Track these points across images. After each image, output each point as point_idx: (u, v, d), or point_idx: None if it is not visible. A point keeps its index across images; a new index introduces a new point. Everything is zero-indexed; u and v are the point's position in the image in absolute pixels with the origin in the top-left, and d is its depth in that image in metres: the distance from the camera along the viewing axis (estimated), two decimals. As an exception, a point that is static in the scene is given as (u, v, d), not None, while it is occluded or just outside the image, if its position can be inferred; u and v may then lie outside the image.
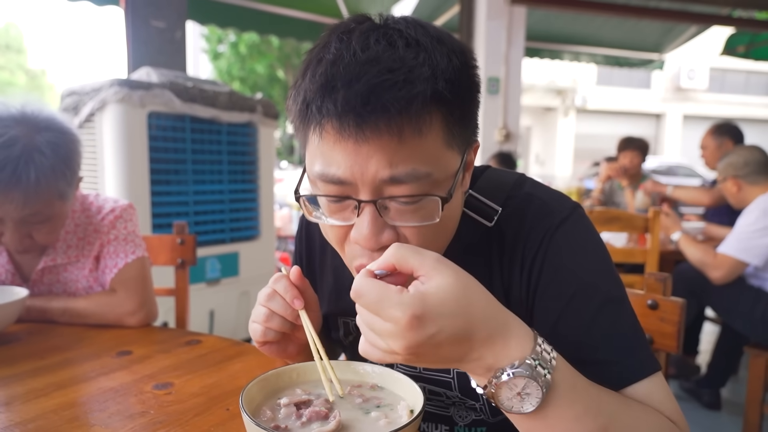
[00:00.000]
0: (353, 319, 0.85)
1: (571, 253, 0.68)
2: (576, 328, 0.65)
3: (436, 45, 0.58)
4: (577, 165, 20.12)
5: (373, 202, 0.58)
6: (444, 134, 0.59)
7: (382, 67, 0.54)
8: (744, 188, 2.29)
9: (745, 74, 22.08)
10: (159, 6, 3.15)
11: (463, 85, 0.60)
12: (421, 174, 0.57)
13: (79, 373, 0.92)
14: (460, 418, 0.79)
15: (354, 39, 0.57)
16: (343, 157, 0.57)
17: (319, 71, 0.56)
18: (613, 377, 0.62)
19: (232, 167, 2.87)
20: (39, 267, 1.23)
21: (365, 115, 0.54)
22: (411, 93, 0.54)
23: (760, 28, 5.10)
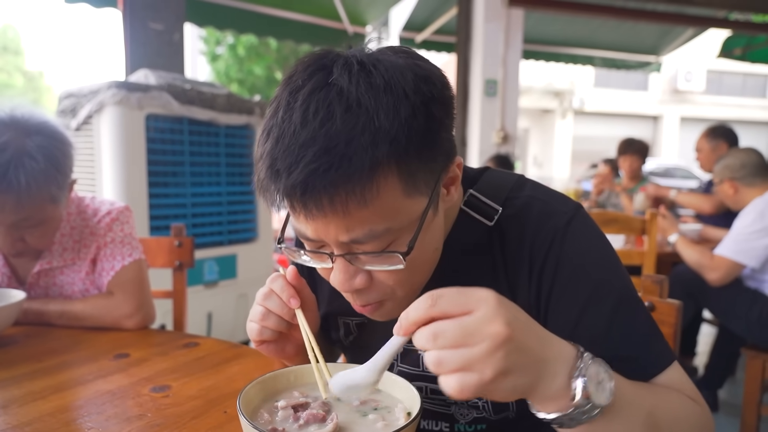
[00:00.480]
0: (354, 319, 0.86)
1: (582, 253, 0.69)
2: (596, 327, 0.67)
3: (381, 98, 0.57)
4: (574, 167, 20.16)
5: (341, 255, 0.62)
6: (402, 186, 0.59)
7: (318, 148, 0.55)
8: (740, 190, 2.30)
9: (741, 76, 22.16)
10: (157, 8, 3.15)
11: (417, 132, 0.58)
12: (378, 232, 0.60)
13: (77, 376, 0.92)
14: (461, 416, 0.80)
15: (297, 107, 0.58)
16: (307, 224, 0.61)
17: (267, 148, 0.59)
18: (638, 371, 0.64)
19: (229, 169, 2.87)
20: (35, 270, 1.23)
21: (307, 199, 0.57)
22: (348, 171, 0.55)
23: (757, 31, 5.12)
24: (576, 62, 5.93)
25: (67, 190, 1.19)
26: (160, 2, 3.16)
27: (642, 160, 3.80)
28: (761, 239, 2.08)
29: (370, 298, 0.68)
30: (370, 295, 0.67)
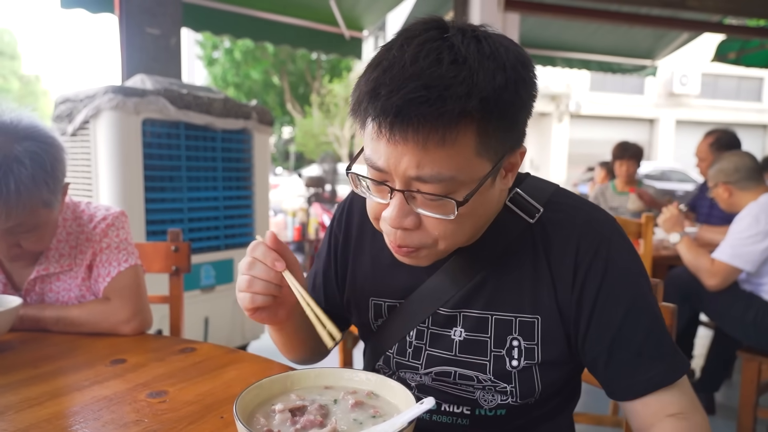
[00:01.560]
0: (386, 301, 0.89)
1: (627, 262, 0.77)
2: (637, 332, 0.75)
3: (484, 62, 0.63)
4: (571, 170, 20.21)
5: (401, 191, 0.67)
6: (475, 144, 0.65)
7: (420, 83, 0.61)
8: (735, 194, 2.31)
9: (736, 80, 22.27)
10: (154, 13, 3.16)
11: (504, 101, 0.64)
12: (444, 177, 0.65)
13: (73, 382, 0.92)
14: (485, 401, 0.82)
15: (410, 49, 0.64)
16: (383, 151, 0.66)
17: (374, 75, 0.65)
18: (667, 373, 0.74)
19: (226, 174, 2.88)
20: (31, 277, 1.23)
21: (396, 123, 0.62)
22: (439, 110, 0.61)
23: (751, 35, 5.14)
24: (572, 66, 5.95)
25: (61, 194, 1.18)
26: (156, 7, 3.17)
27: (637, 164, 3.81)
28: (757, 244, 2.09)
29: (412, 241, 0.72)
30: (413, 238, 0.71)
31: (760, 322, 2.12)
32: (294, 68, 19.83)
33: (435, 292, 0.83)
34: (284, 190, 12.18)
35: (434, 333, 0.84)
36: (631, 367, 0.74)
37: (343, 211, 0.97)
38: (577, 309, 0.76)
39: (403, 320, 0.86)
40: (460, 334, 0.82)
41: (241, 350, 1.08)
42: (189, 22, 4.09)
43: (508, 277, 0.79)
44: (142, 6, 3.12)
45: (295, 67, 19.76)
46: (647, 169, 13.47)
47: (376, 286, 0.90)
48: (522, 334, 0.78)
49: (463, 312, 0.81)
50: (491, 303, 0.80)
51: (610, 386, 0.77)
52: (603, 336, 0.75)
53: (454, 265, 0.81)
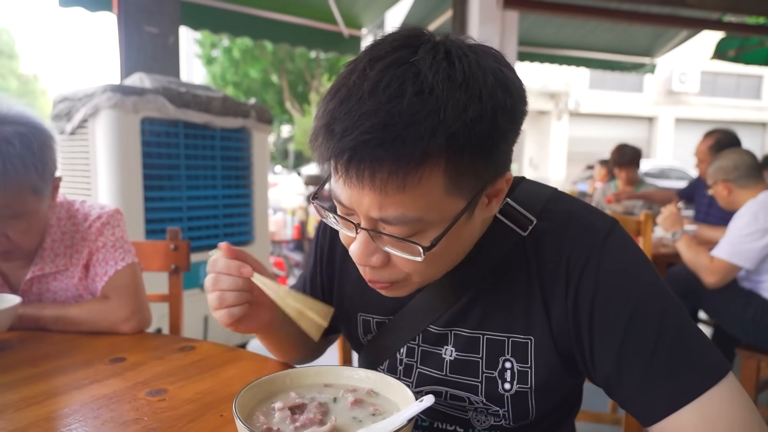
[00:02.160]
0: (374, 317, 0.86)
1: (620, 271, 0.68)
2: (641, 348, 0.65)
3: (455, 92, 0.56)
4: (570, 168, 20.22)
5: (366, 229, 0.63)
6: (445, 183, 0.59)
7: (377, 121, 0.55)
8: (734, 192, 2.31)
9: (735, 77, 22.28)
10: (152, 12, 3.15)
11: (477, 135, 0.57)
12: (409, 219, 0.60)
13: (72, 381, 0.92)
14: (478, 422, 0.80)
15: (371, 75, 0.57)
16: (344, 189, 0.61)
17: (330, 107, 0.59)
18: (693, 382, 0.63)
19: (225, 172, 2.87)
20: (27, 277, 1.22)
21: (351, 167, 0.57)
22: (398, 152, 0.55)
23: (750, 33, 5.14)
24: (571, 64, 5.95)
25: (51, 185, 1.17)
26: (154, 6, 3.16)
27: (637, 167, 3.83)
28: (756, 241, 2.09)
29: (382, 277, 0.68)
30: (383, 274, 0.68)
31: (759, 319, 2.13)
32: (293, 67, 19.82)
33: (424, 310, 0.79)
34: (283, 189, 12.17)
35: (425, 351, 0.81)
36: (644, 384, 0.64)
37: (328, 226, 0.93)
38: (575, 323, 0.69)
39: (392, 337, 0.83)
40: (451, 354, 0.78)
41: (241, 348, 1.08)
42: (187, 20, 4.08)
43: (500, 295, 0.74)
44: (141, 4, 3.12)
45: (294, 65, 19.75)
46: (646, 167, 13.48)
47: (364, 301, 0.87)
48: (515, 355, 0.74)
49: (454, 330, 0.78)
50: (482, 322, 0.76)
51: (629, 409, 0.68)
52: (608, 351, 0.67)
53: (443, 282, 0.77)
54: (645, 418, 0.65)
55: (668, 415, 0.63)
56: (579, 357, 0.71)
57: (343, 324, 0.92)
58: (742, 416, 0.62)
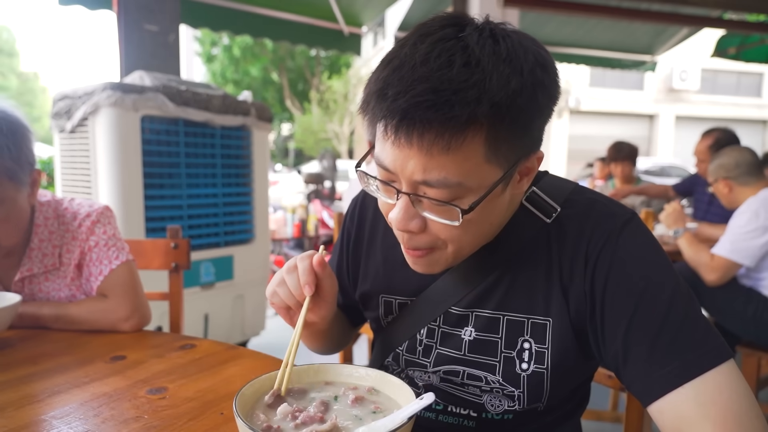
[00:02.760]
0: (397, 298, 0.89)
1: (636, 254, 0.72)
2: (649, 326, 0.68)
3: (499, 65, 0.61)
4: (570, 166, 20.20)
5: (407, 194, 0.67)
6: (484, 150, 0.63)
7: (428, 86, 0.59)
8: (735, 189, 2.31)
9: (736, 75, 22.25)
10: (152, 10, 3.15)
11: (517, 107, 0.62)
12: (451, 183, 0.64)
13: (73, 379, 0.92)
14: (492, 406, 0.81)
15: (422, 48, 0.62)
16: (389, 152, 0.65)
17: (383, 74, 0.63)
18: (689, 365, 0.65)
19: (225, 171, 2.87)
20: (17, 278, 1.21)
21: (401, 127, 0.62)
22: (446, 116, 0.59)
23: (751, 30, 5.14)
24: (571, 62, 5.95)
25: (29, 176, 1.16)
26: (154, 4, 3.16)
27: (633, 163, 3.83)
28: (757, 239, 2.09)
29: (420, 244, 0.71)
30: (420, 240, 0.71)
31: (759, 317, 2.13)
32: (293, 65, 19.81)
33: (447, 291, 0.82)
34: (283, 187, 12.18)
35: (445, 332, 0.83)
36: (648, 363, 0.67)
37: (356, 206, 0.97)
38: (591, 302, 0.72)
39: (414, 318, 0.85)
40: (470, 334, 0.80)
41: (241, 347, 1.08)
42: (187, 18, 4.08)
43: (522, 278, 0.77)
44: (141, 2, 3.11)
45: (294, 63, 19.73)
46: (647, 165, 13.47)
47: (388, 282, 0.89)
48: (534, 336, 0.76)
49: (475, 312, 0.80)
50: (503, 303, 0.78)
51: (633, 389, 0.70)
52: (616, 329, 0.70)
53: (468, 265, 0.80)
54: (645, 396, 0.67)
55: (666, 393, 0.65)
56: (591, 336, 0.74)
57: (366, 305, 0.94)
58: (738, 403, 0.63)
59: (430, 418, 0.86)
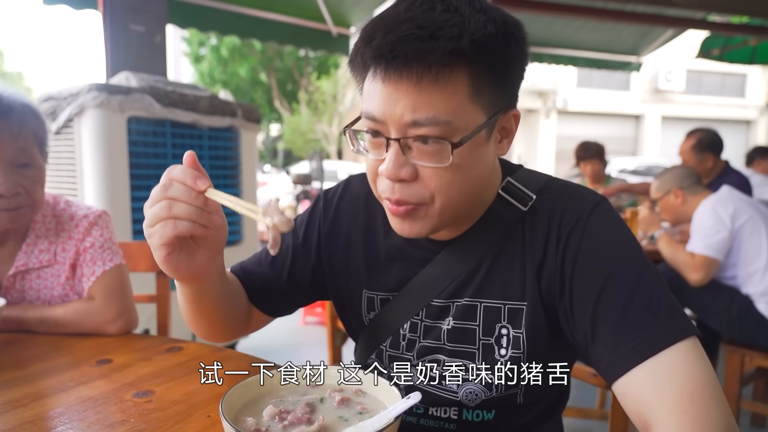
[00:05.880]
0: (378, 294, 0.88)
1: (604, 234, 0.74)
2: (616, 303, 0.69)
3: (476, 13, 0.66)
4: (558, 166, 20.34)
5: (397, 140, 0.68)
6: (469, 89, 0.67)
7: (414, 24, 0.64)
8: (688, 199, 2.36)
9: (720, 76, 22.53)
10: (138, 10, 3.12)
11: (495, 49, 0.67)
12: (440, 120, 0.66)
13: (58, 383, 0.91)
14: (468, 400, 0.82)
15: (404, 2, 0.68)
16: (379, 98, 0.68)
17: (369, 26, 0.68)
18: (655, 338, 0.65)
19: (213, 172, 2.86)
20: (10, 272, 1.21)
21: (391, 61, 0.65)
22: (432, 46, 0.63)
23: (734, 32, 5.21)
24: (558, 62, 5.99)
25: (46, 152, 1.24)
26: (141, 4, 3.13)
27: (602, 162, 3.85)
28: (719, 233, 2.16)
29: (411, 195, 0.71)
30: (411, 191, 0.71)
31: (743, 316, 2.16)
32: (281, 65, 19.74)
33: (429, 284, 0.83)
34: (272, 188, 12.13)
35: (428, 325, 0.84)
36: (613, 340, 0.67)
37: (332, 203, 0.95)
38: (560, 281, 0.74)
39: (396, 313, 0.86)
40: (449, 323, 0.82)
41: (229, 349, 1.08)
42: (174, 18, 4.06)
43: (499, 265, 0.79)
44: (127, 2, 3.09)
45: (283, 64, 19.67)
46: (633, 165, 13.60)
47: (370, 278, 0.89)
48: (511, 321, 0.78)
49: (455, 302, 0.82)
50: (480, 291, 0.80)
51: (598, 368, 0.70)
52: (585, 307, 0.71)
53: (448, 256, 0.82)
54: (609, 375, 0.68)
55: (627, 371, 0.65)
56: (562, 317, 0.75)
57: (347, 303, 0.93)
58: (694, 383, 0.62)
59: (411, 422, 0.86)
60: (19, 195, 1.15)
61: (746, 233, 2.15)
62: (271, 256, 0.95)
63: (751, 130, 23.20)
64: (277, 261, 0.95)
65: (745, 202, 2.22)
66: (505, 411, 0.82)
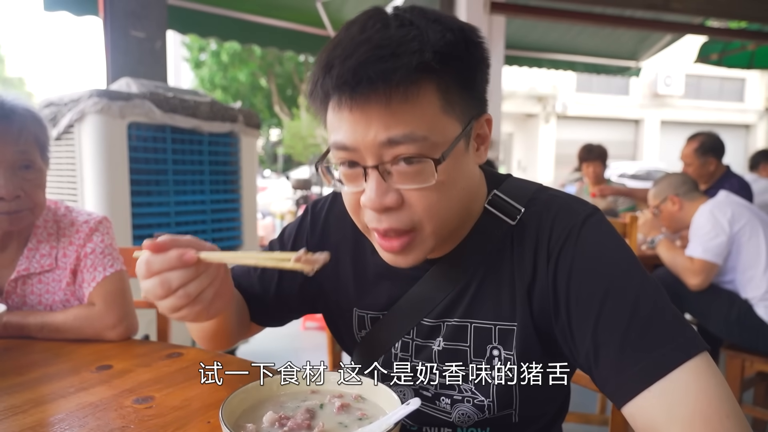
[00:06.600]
0: (369, 313, 0.86)
1: (601, 245, 0.71)
2: (619, 318, 0.65)
3: (431, 24, 0.65)
4: (558, 170, 20.35)
5: (375, 167, 0.65)
6: (439, 101, 0.65)
7: (372, 45, 0.62)
8: (684, 206, 2.36)
9: (719, 80, 22.59)
10: (139, 16, 3.14)
11: (458, 57, 0.65)
12: (417, 137, 0.64)
13: (58, 389, 0.91)
14: (461, 421, 0.80)
15: (355, 25, 0.65)
16: (347, 125, 0.65)
17: (324, 56, 0.65)
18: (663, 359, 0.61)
19: (213, 177, 2.86)
20: (12, 277, 1.22)
21: (355, 86, 0.62)
22: (395, 65, 0.61)
23: (732, 37, 5.24)
24: (558, 67, 6.01)
25: (48, 161, 1.24)
26: (141, 10, 3.15)
27: (603, 165, 3.87)
28: (717, 237, 2.16)
29: (400, 222, 0.68)
30: (400, 218, 0.68)
31: (743, 320, 2.16)
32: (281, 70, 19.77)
33: (419, 302, 0.80)
34: (272, 193, 12.14)
35: (419, 345, 0.82)
36: (617, 362, 0.64)
37: (319, 217, 0.93)
38: (555, 300, 0.71)
39: (387, 332, 0.84)
40: (439, 344, 0.79)
41: (229, 355, 1.08)
42: (175, 24, 4.07)
43: (488, 284, 0.76)
44: (127, 9, 3.10)
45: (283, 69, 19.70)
46: (633, 169, 13.62)
47: (359, 296, 0.87)
48: (502, 343, 0.75)
49: (446, 321, 0.79)
50: (470, 311, 0.77)
51: (605, 390, 0.66)
52: (585, 328, 0.67)
53: (437, 274, 0.79)
54: (616, 399, 0.64)
55: (636, 395, 0.62)
56: (560, 337, 0.72)
57: (339, 321, 0.91)
58: (707, 402, 0.59)
59: None
60: (19, 198, 1.16)
61: (745, 237, 2.15)
62: (260, 269, 0.93)
63: (750, 135, 23.24)
64: (266, 274, 0.93)
65: (742, 206, 2.23)
66: (501, 430, 0.80)
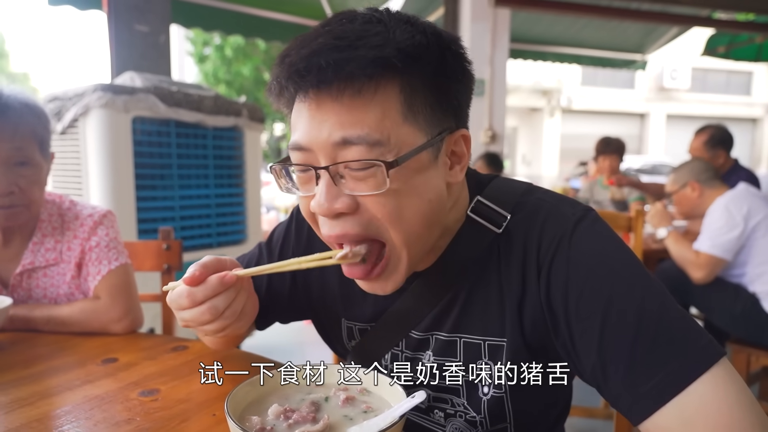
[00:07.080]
0: (356, 324, 0.85)
1: (596, 252, 0.65)
2: (624, 329, 0.60)
3: (402, 24, 0.60)
4: (563, 165, 20.29)
5: (326, 168, 0.61)
6: (401, 106, 0.60)
7: (331, 36, 0.58)
8: (704, 192, 2.35)
9: (725, 74, 22.42)
10: (142, 10, 3.13)
11: (427, 60, 0.60)
12: (372, 140, 0.59)
13: (64, 382, 0.91)
14: None
15: (324, 21, 0.62)
16: (303, 123, 0.61)
17: (285, 51, 0.62)
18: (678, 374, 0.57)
19: (218, 171, 2.86)
20: (17, 271, 1.22)
21: (305, 74, 0.58)
22: (350, 55, 0.56)
23: (739, 29, 5.18)
24: (563, 61, 5.97)
25: (49, 157, 1.24)
26: (145, 4, 3.14)
27: (620, 158, 3.86)
28: (730, 232, 2.14)
29: (353, 227, 0.63)
30: (353, 222, 0.62)
31: (748, 313, 2.15)
32: (285, 64, 19.69)
33: (404, 316, 0.78)
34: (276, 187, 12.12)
35: (408, 356, 0.80)
36: (628, 380, 0.59)
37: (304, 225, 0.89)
38: (551, 314, 0.66)
39: (375, 344, 0.82)
40: (429, 359, 0.77)
41: (234, 347, 1.08)
42: (178, 18, 4.07)
43: (476, 297, 0.72)
44: (131, 3, 3.10)
45: (287, 63, 19.63)
46: (639, 163, 13.55)
47: (346, 307, 0.85)
48: (492, 359, 0.72)
49: (435, 335, 0.77)
50: (459, 325, 0.74)
51: (617, 406, 0.62)
52: (589, 343, 0.62)
53: (421, 285, 0.76)
54: (631, 417, 0.60)
55: (651, 414, 0.58)
56: (563, 353, 0.67)
57: (330, 330, 0.90)
58: (728, 412, 0.55)
59: None
60: (12, 194, 1.16)
61: (760, 232, 2.13)
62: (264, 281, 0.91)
63: (757, 129, 23.09)
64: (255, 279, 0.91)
65: (761, 200, 2.20)
66: None
